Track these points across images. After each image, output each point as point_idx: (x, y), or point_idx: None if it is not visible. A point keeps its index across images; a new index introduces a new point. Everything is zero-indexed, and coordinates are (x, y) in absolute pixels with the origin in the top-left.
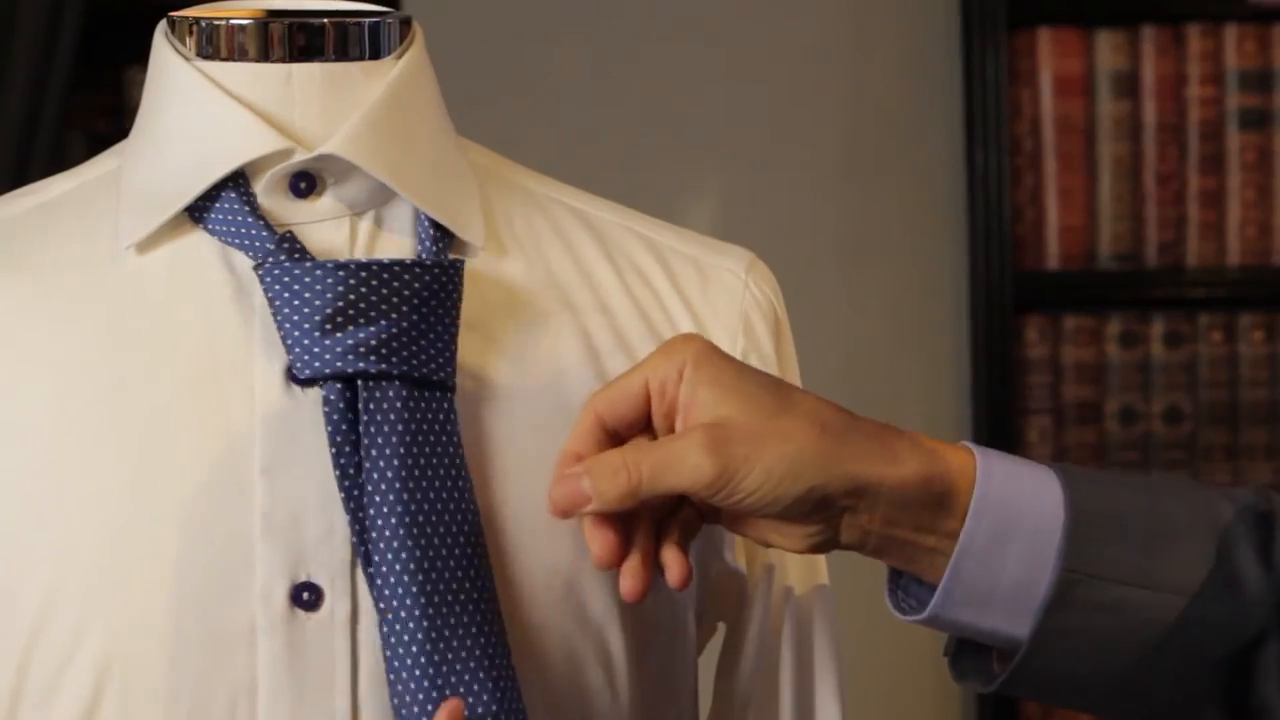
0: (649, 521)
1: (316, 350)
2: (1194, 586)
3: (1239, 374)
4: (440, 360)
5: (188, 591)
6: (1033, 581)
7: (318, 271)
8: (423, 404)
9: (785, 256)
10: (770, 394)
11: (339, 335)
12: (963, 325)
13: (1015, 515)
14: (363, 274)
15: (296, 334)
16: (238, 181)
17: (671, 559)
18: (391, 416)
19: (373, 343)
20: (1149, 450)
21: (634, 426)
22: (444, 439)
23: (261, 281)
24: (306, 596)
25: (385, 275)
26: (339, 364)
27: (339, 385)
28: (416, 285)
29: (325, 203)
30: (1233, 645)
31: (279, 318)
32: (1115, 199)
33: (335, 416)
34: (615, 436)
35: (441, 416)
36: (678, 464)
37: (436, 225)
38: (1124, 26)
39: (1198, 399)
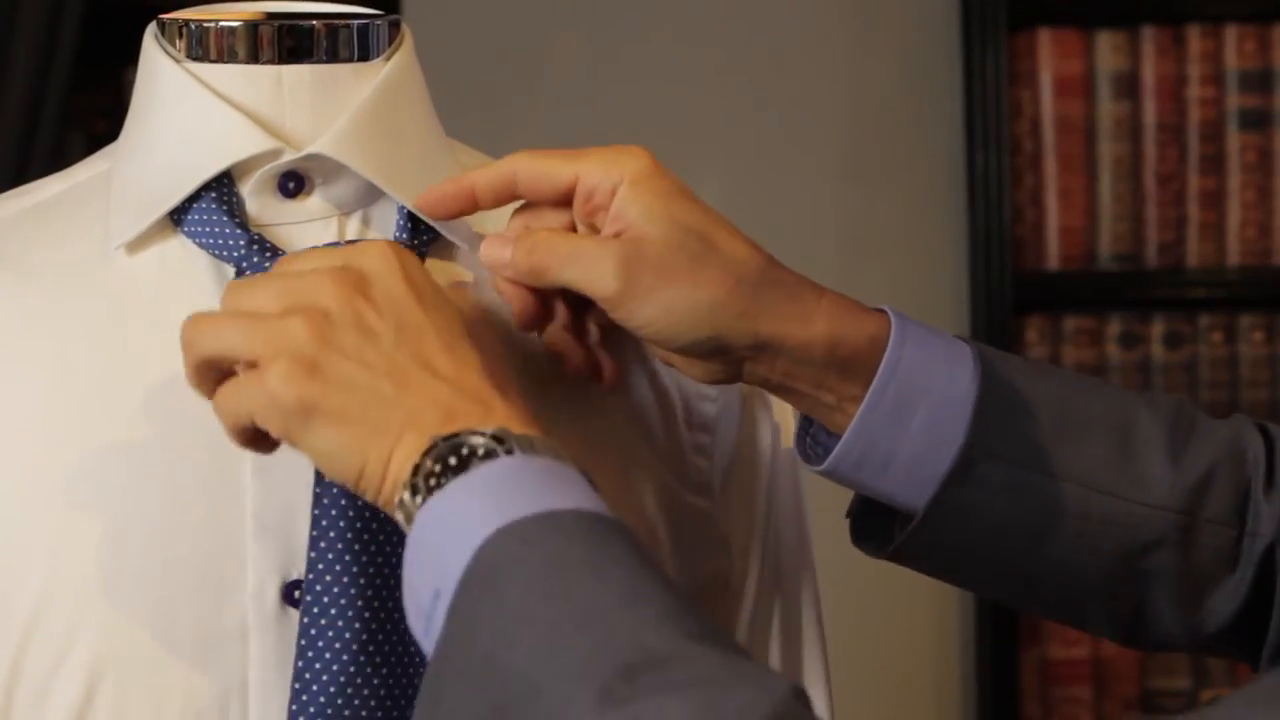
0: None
1: None
2: (1096, 481)
3: (1239, 374)
4: None
5: (180, 590)
6: (935, 453)
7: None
8: None
9: (786, 256)
10: (699, 232)
11: None
12: (963, 326)
13: (923, 386)
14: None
15: None
16: (220, 184)
17: (599, 357)
18: None
19: None
20: None
21: (543, 204)
22: None
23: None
24: (299, 595)
25: None
26: None
27: None
28: None
29: (314, 203)
30: (1126, 546)
31: None
32: (1115, 199)
33: None
34: (514, 197)
35: None
36: (588, 266)
37: (412, 218)
38: (1124, 27)
39: (1198, 399)
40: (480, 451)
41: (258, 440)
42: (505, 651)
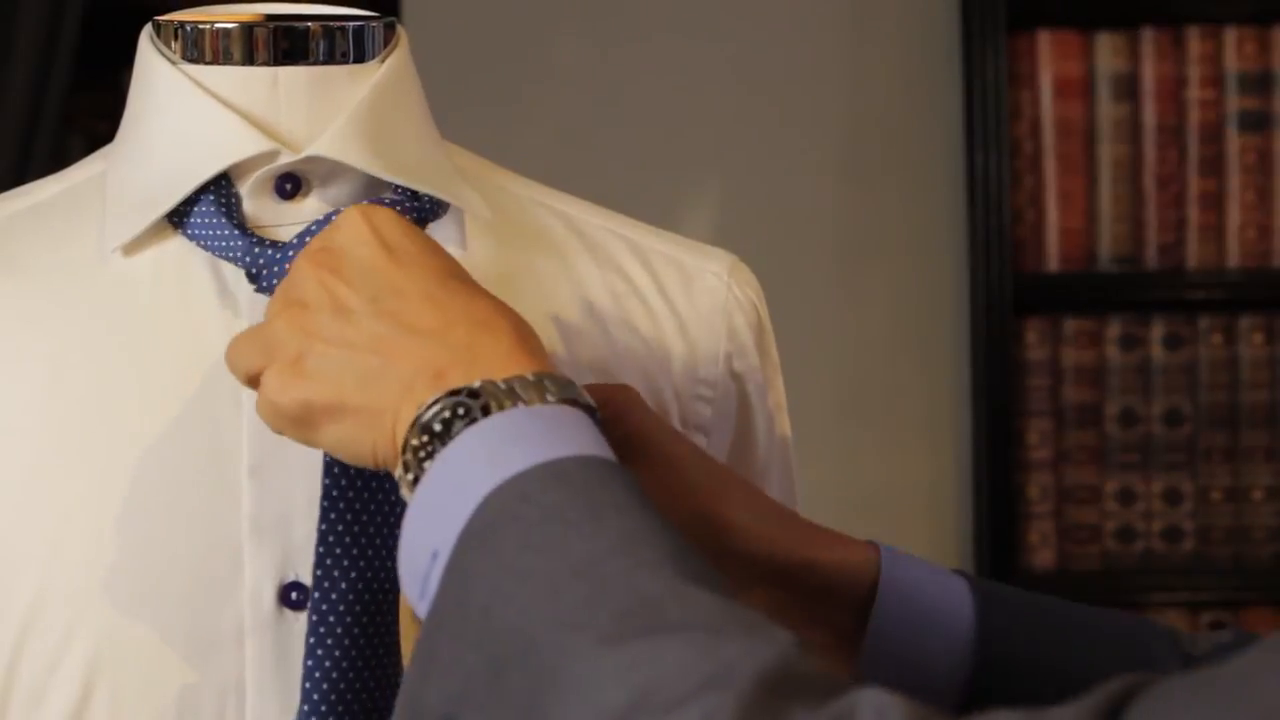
0: None
1: None
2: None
3: (1239, 376)
4: None
5: (176, 592)
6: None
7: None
8: None
9: (785, 259)
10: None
11: None
12: (963, 328)
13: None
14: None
15: None
16: (218, 185)
17: None
18: None
19: None
20: (1149, 453)
21: None
22: None
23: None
24: (295, 596)
25: None
26: None
27: None
28: None
29: (311, 204)
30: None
31: None
32: (1115, 201)
33: None
34: None
35: None
36: None
37: (412, 200)
38: (1124, 29)
39: (1198, 401)
40: (463, 412)
41: None
42: (502, 606)
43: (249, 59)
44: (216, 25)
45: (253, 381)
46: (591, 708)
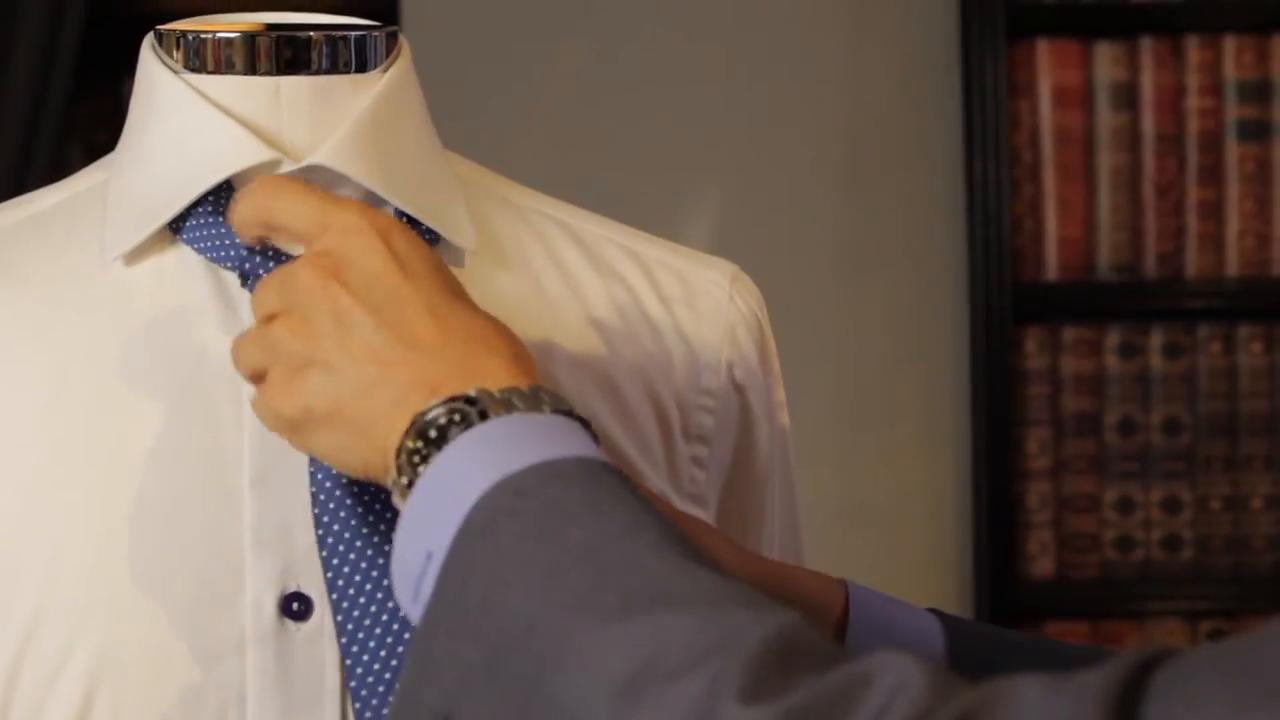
0: None
1: None
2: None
3: (1238, 385)
4: None
5: (177, 603)
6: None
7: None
8: None
9: (785, 267)
10: None
11: None
12: (962, 336)
13: (891, 623)
14: None
15: None
16: (219, 195)
17: None
18: None
19: None
20: (1148, 462)
21: None
22: None
23: (250, 287)
24: (296, 607)
25: None
26: None
27: None
28: None
29: None
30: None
31: None
32: (1114, 210)
33: None
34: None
35: None
36: None
37: (411, 224)
38: (1123, 38)
39: (1197, 410)
40: (459, 418)
41: None
42: (501, 595)
43: (251, 68)
44: (218, 35)
45: (258, 378)
46: (596, 680)
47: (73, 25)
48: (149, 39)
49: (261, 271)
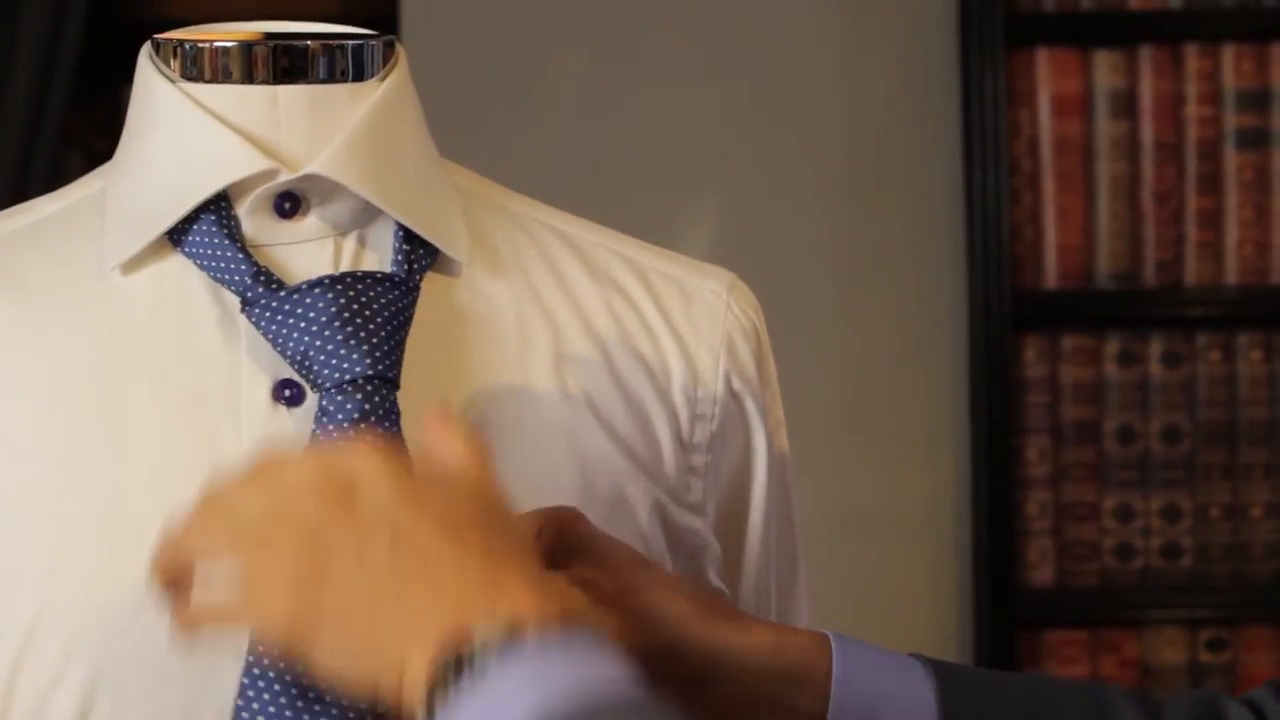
0: None
1: (334, 362)
2: None
3: (1237, 393)
4: (391, 359)
5: None
6: None
7: (296, 295)
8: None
9: (784, 276)
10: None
11: (342, 341)
12: (961, 345)
13: (882, 692)
14: (339, 288)
15: (305, 353)
16: (218, 204)
17: None
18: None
19: (377, 350)
20: (1147, 470)
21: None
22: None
23: (254, 324)
24: None
25: (360, 287)
26: (355, 371)
27: (339, 396)
28: (385, 299)
29: (310, 223)
30: None
31: (279, 348)
32: (1113, 218)
33: (331, 427)
34: None
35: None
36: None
37: (409, 239)
38: (1122, 46)
39: (1196, 418)
40: (478, 660)
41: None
42: None
43: (248, 78)
44: (216, 44)
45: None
46: None
47: (72, 33)
48: (147, 48)
49: (264, 299)
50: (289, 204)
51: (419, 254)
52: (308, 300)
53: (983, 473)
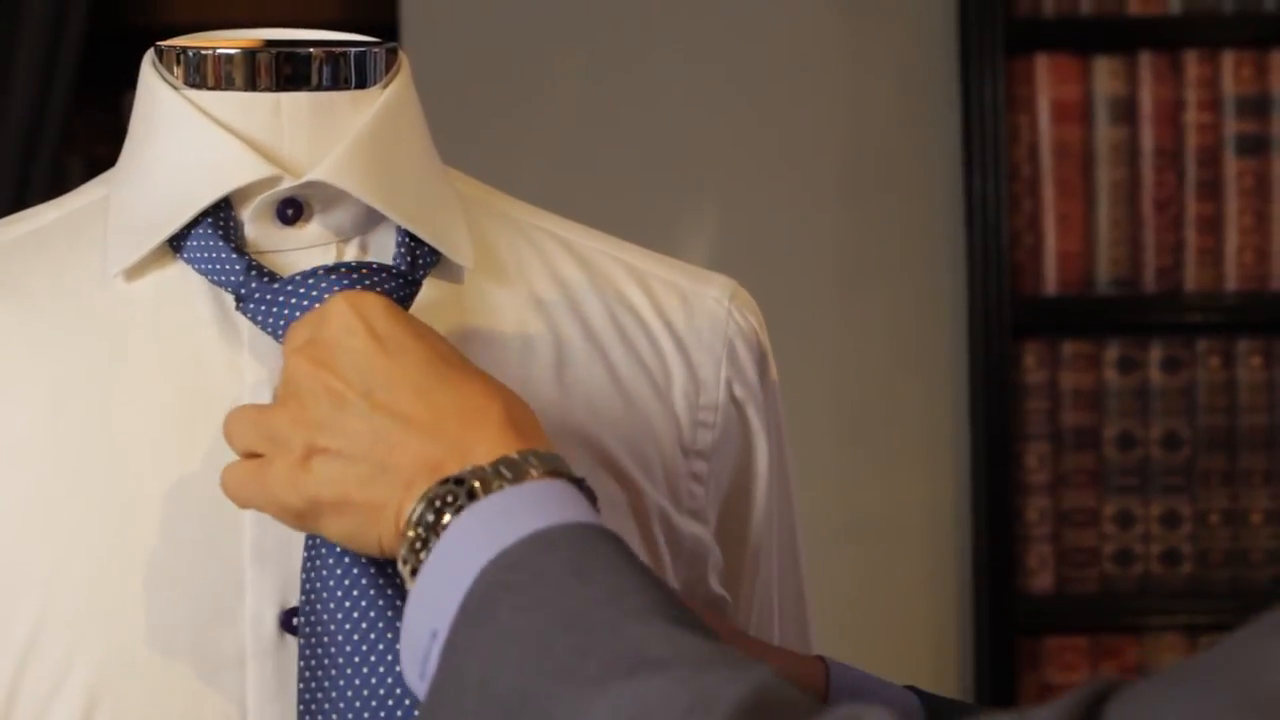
0: None
1: None
2: None
3: (1237, 399)
4: None
5: (178, 617)
6: None
7: (290, 286)
8: None
9: (784, 281)
10: None
11: None
12: (961, 351)
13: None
14: (333, 277)
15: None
16: (217, 210)
17: None
18: None
19: None
20: (1147, 476)
21: None
22: None
23: (250, 318)
24: (297, 621)
25: (355, 276)
26: None
27: None
28: (384, 288)
29: (312, 229)
30: None
31: (279, 338)
32: (1113, 224)
33: None
34: None
35: None
36: None
37: (412, 244)
38: (1122, 52)
39: (1196, 424)
40: (452, 499)
41: None
42: (497, 671)
43: (251, 84)
44: (218, 51)
45: (248, 456)
46: None
47: (73, 39)
48: (149, 55)
49: (258, 293)
50: (291, 210)
51: (421, 258)
52: (302, 290)
53: (982, 478)
